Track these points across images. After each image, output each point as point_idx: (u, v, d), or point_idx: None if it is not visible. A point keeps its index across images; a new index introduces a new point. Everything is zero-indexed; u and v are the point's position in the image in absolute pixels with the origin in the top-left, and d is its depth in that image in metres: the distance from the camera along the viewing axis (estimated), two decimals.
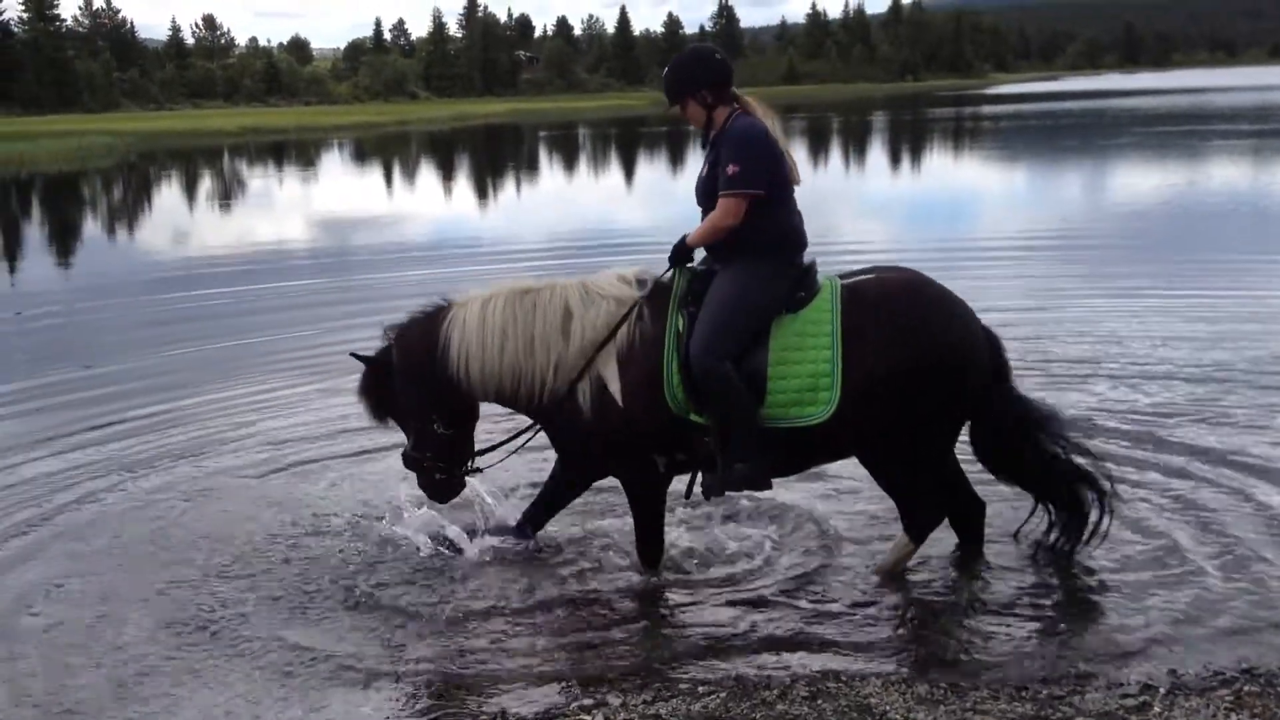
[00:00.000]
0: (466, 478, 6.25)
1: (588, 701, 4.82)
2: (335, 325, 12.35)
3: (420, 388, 5.91)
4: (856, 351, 5.42)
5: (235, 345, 11.90)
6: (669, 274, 5.80)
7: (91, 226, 26.66)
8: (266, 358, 11.21)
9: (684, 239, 5.72)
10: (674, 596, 5.87)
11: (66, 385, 10.30)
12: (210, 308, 14.26)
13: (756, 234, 5.58)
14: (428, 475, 6.13)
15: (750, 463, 5.55)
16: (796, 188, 5.78)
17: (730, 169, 5.51)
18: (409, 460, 6.14)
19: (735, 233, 5.59)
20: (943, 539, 6.05)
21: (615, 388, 5.66)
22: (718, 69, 5.75)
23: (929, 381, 5.41)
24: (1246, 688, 4.66)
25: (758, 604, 5.71)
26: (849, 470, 6.51)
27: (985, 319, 5.78)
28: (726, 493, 5.92)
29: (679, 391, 5.54)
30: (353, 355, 6.18)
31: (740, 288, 5.58)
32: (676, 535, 6.41)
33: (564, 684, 5.05)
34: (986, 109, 79.09)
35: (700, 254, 5.87)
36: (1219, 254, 15.24)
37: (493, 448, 6.28)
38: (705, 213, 5.73)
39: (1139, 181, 26.78)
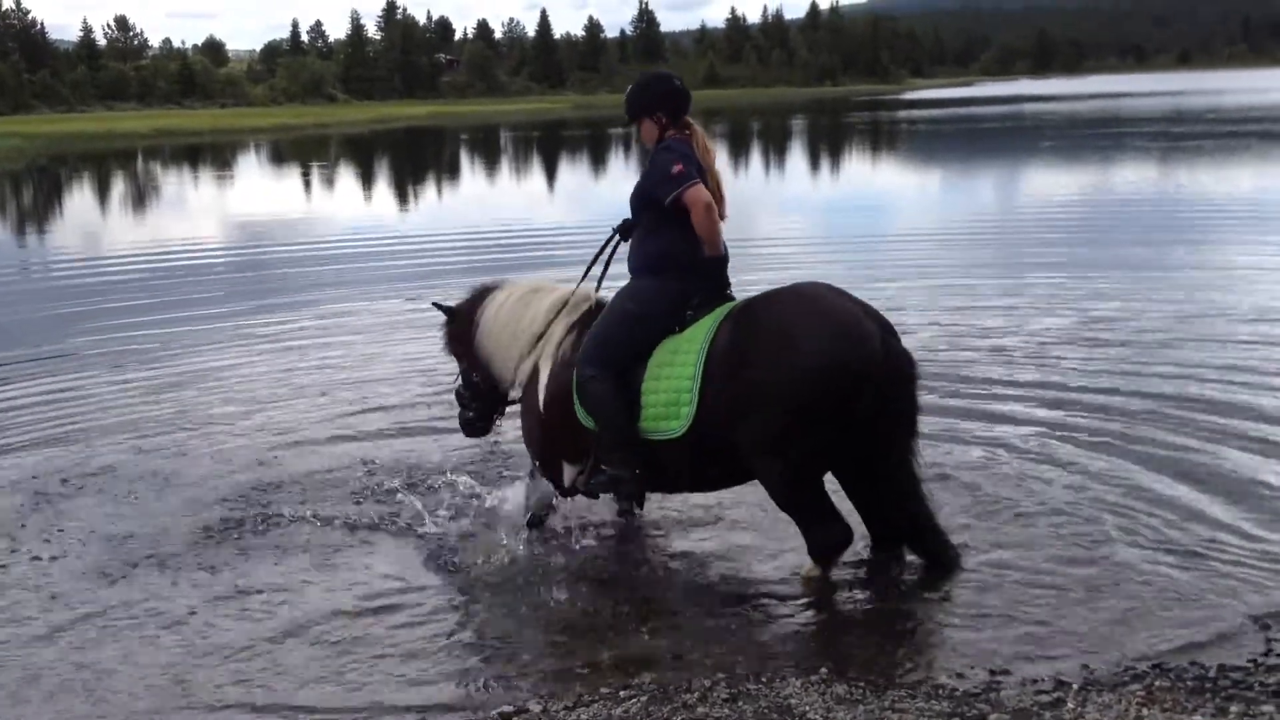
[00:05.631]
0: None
1: (507, 709, 4.78)
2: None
3: (468, 343, 6.62)
4: (728, 366, 5.46)
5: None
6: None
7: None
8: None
9: (708, 258, 5.88)
10: (594, 602, 5.84)
11: None
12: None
13: (647, 250, 5.91)
14: (464, 413, 6.86)
15: (616, 470, 5.80)
16: (722, 220, 5.94)
17: (675, 168, 5.77)
18: (457, 395, 6.94)
19: (634, 248, 6.00)
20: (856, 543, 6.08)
21: (542, 392, 6.07)
22: (678, 97, 6.02)
23: (806, 394, 5.31)
24: (1157, 682, 4.73)
25: (676, 608, 5.71)
26: None
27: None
28: (597, 494, 6.18)
29: (580, 404, 5.86)
30: (434, 305, 6.98)
31: (618, 303, 5.92)
32: (596, 543, 6.45)
33: (483, 690, 5.01)
34: (902, 114, 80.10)
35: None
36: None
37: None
38: (641, 220, 5.96)
39: (1046, 186, 27.27)
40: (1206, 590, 5.59)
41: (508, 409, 6.83)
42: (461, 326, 6.66)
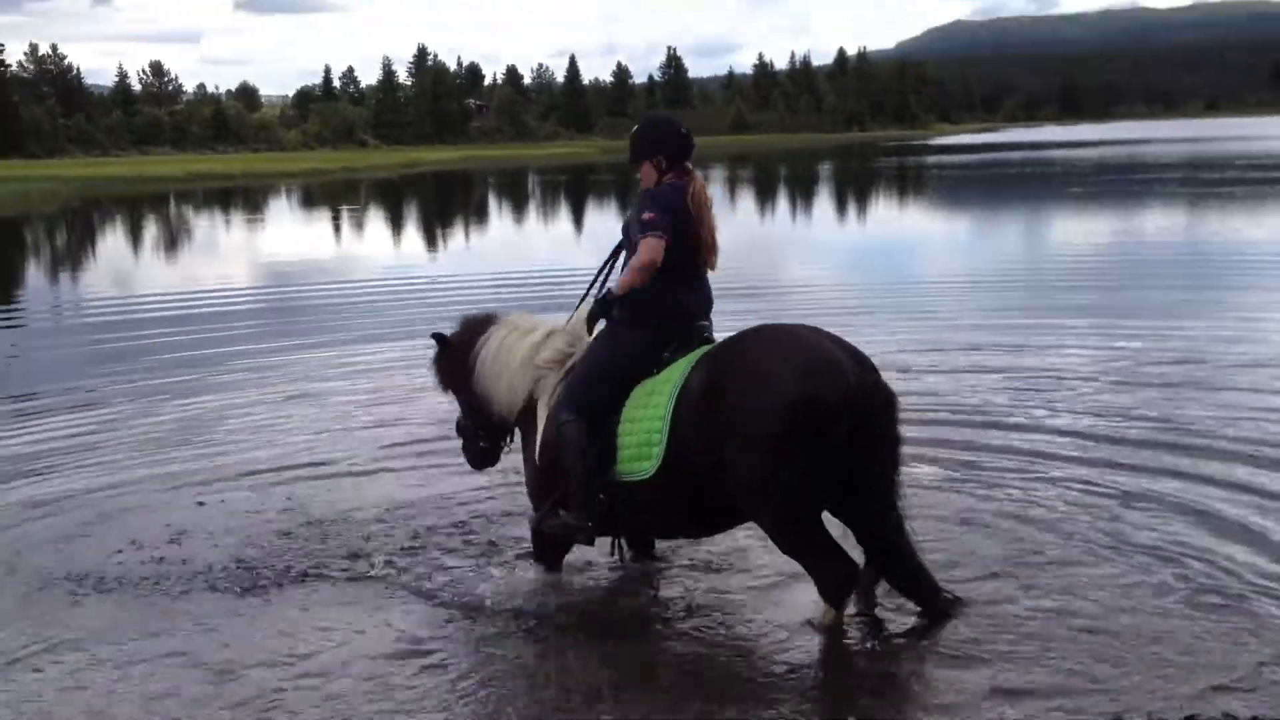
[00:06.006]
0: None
1: None
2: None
3: (465, 376, 6.55)
4: (702, 407, 5.47)
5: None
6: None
7: (33, 271, 26.45)
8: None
9: (608, 292, 5.94)
10: (612, 654, 5.74)
11: None
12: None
13: (627, 301, 5.84)
14: (472, 444, 6.78)
15: (576, 514, 5.90)
16: (712, 269, 6.03)
17: (645, 215, 5.77)
18: (459, 428, 6.84)
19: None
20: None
21: (535, 440, 6.10)
22: (679, 141, 6.02)
23: (780, 430, 5.26)
24: None
25: (693, 660, 5.58)
26: None
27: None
28: (553, 535, 6.22)
29: None
30: (434, 336, 6.82)
31: (596, 349, 5.97)
32: (610, 593, 6.40)
33: None
34: (931, 159, 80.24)
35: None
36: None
37: None
38: (627, 261, 6.00)
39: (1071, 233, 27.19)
40: (1241, 639, 5.49)
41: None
42: (457, 359, 6.60)
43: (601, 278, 6.28)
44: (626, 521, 6.05)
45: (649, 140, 6.01)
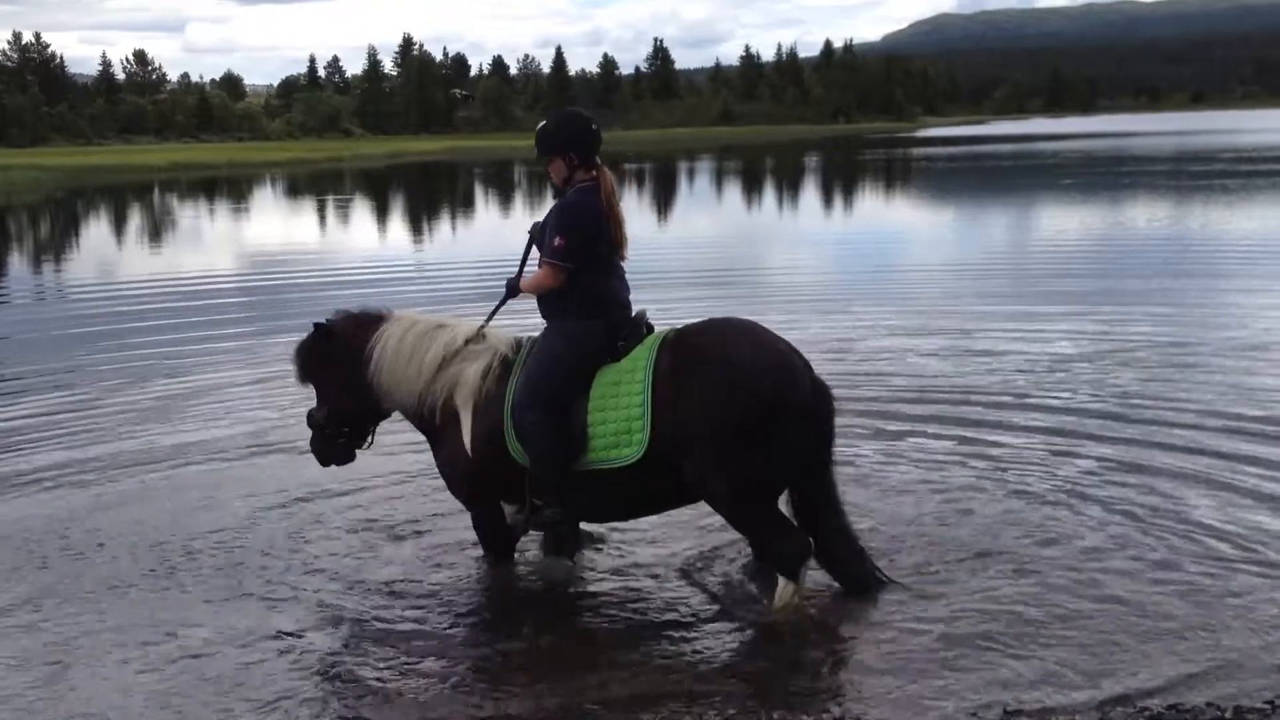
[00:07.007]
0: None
1: None
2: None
3: (347, 372, 6.29)
4: (671, 394, 5.61)
5: None
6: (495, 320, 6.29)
7: (16, 259, 26.31)
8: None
9: (517, 280, 6.16)
10: (545, 642, 5.71)
11: None
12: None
13: (570, 297, 5.96)
14: (329, 440, 6.51)
15: (555, 509, 5.93)
16: (624, 260, 6.13)
17: (556, 240, 5.91)
18: (312, 421, 6.55)
19: (553, 295, 6.01)
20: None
21: (467, 437, 6.04)
22: (590, 138, 6.10)
23: (751, 421, 5.52)
24: None
25: (667, 651, 5.55)
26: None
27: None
28: (530, 531, 6.28)
29: (514, 442, 5.87)
30: (315, 325, 6.41)
31: (550, 345, 5.98)
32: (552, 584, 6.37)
33: None
34: (918, 151, 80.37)
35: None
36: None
37: None
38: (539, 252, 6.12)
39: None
40: (1227, 626, 5.48)
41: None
42: (338, 350, 6.33)
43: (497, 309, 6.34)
44: (587, 509, 6.13)
45: (562, 137, 6.06)
